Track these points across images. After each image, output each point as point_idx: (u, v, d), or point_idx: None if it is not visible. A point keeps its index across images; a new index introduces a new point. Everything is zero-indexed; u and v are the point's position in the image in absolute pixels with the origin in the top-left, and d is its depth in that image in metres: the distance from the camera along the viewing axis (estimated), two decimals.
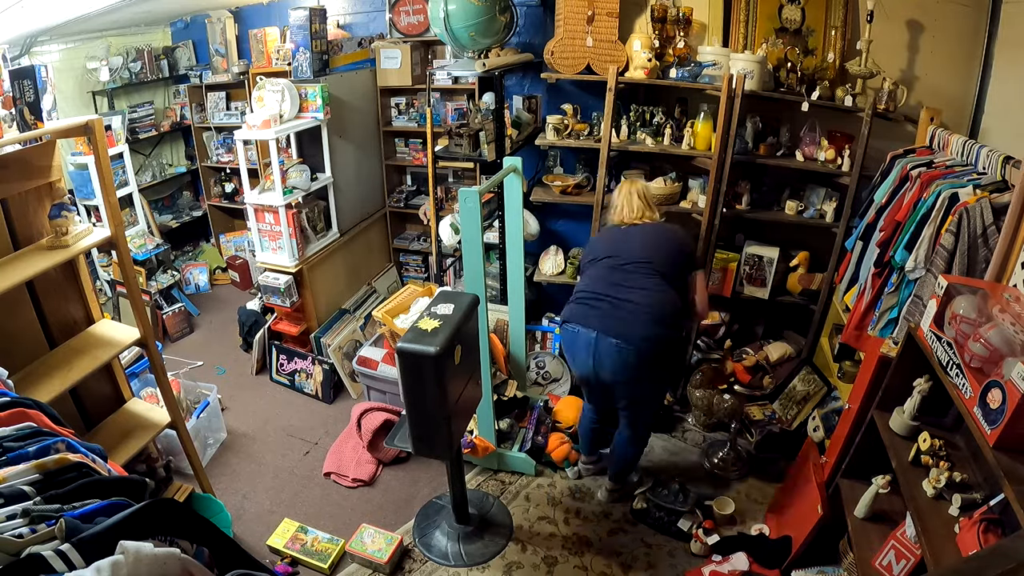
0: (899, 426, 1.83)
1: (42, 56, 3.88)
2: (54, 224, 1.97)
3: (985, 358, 1.44)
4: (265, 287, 3.46)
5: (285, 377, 3.62)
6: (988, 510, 1.45)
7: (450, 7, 2.70)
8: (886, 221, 2.23)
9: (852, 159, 2.72)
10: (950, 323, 1.59)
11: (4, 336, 1.96)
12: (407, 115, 4.18)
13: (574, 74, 3.04)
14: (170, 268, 4.48)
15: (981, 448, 1.34)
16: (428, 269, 4.51)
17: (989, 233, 1.82)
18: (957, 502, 1.56)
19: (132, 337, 2.21)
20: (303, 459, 3.04)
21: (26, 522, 0.86)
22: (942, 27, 2.70)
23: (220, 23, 4.44)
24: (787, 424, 3.03)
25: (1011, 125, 2.39)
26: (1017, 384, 1.25)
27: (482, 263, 2.46)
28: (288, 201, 3.29)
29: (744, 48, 2.93)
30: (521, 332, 3.09)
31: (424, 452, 2.18)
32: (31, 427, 1.21)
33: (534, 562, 2.43)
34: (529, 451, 2.87)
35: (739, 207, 3.04)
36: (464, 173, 4.25)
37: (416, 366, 1.92)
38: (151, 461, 2.52)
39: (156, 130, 4.67)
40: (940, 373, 1.58)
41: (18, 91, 1.73)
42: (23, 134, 1.77)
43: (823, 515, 2.07)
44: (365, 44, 3.91)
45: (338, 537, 2.49)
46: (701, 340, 3.41)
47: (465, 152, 3.00)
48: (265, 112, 3.17)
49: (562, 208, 3.55)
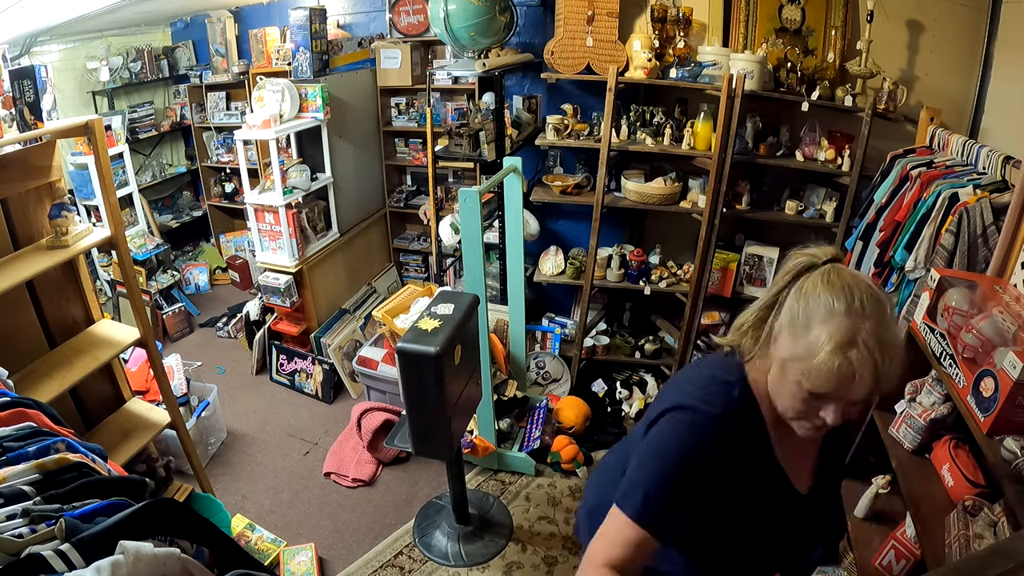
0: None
1: (42, 56, 3.88)
2: (54, 224, 1.97)
3: (977, 348, 1.47)
4: (265, 287, 3.46)
5: (285, 377, 3.62)
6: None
7: (450, 7, 2.70)
8: (886, 221, 2.23)
9: (852, 159, 2.71)
10: (943, 315, 1.62)
11: (4, 336, 1.95)
12: (407, 115, 4.18)
13: (574, 74, 3.04)
14: (170, 268, 4.48)
15: (975, 436, 1.36)
16: (428, 269, 4.51)
17: (989, 233, 1.82)
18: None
19: (132, 337, 2.21)
20: (303, 459, 3.03)
21: (26, 522, 0.86)
22: (942, 27, 2.70)
23: (220, 23, 4.44)
24: None
25: (1011, 125, 2.39)
26: (1009, 372, 1.28)
27: (482, 263, 2.46)
28: (288, 201, 3.29)
29: (744, 48, 2.93)
30: (521, 332, 3.09)
31: (424, 452, 2.18)
32: (31, 427, 1.21)
33: (534, 562, 2.43)
34: (535, 451, 2.87)
35: (739, 207, 3.04)
36: (464, 173, 4.25)
37: (416, 366, 1.92)
38: (151, 461, 2.52)
39: (156, 130, 4.67)
40: (935, 364, 1.60)
41: (18, 91, 1.73)
42: (23, 134, 1.77)
43: None
44: (365, 44, 3.91)
45: (281, 539, 2.51)
46: (701, 340, 3.41)
47: (465, 152, 3.00)
48: (265, 112, 3.18)
49: (562, 208, 3.55)
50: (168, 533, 0.88)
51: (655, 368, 3.49)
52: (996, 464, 1.29)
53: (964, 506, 1.45)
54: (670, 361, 3.36)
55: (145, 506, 0.85)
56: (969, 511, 1.43)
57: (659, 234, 3.50)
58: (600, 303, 3.69)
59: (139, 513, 0.84)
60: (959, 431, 1.65)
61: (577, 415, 3.04)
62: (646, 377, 3.42)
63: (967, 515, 1.43)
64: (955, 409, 1.61)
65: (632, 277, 3.21)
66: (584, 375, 3.45)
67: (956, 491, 1.55)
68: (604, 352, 3.42)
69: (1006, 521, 1.32)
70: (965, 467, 1.56)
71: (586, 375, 3.46)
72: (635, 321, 3.70)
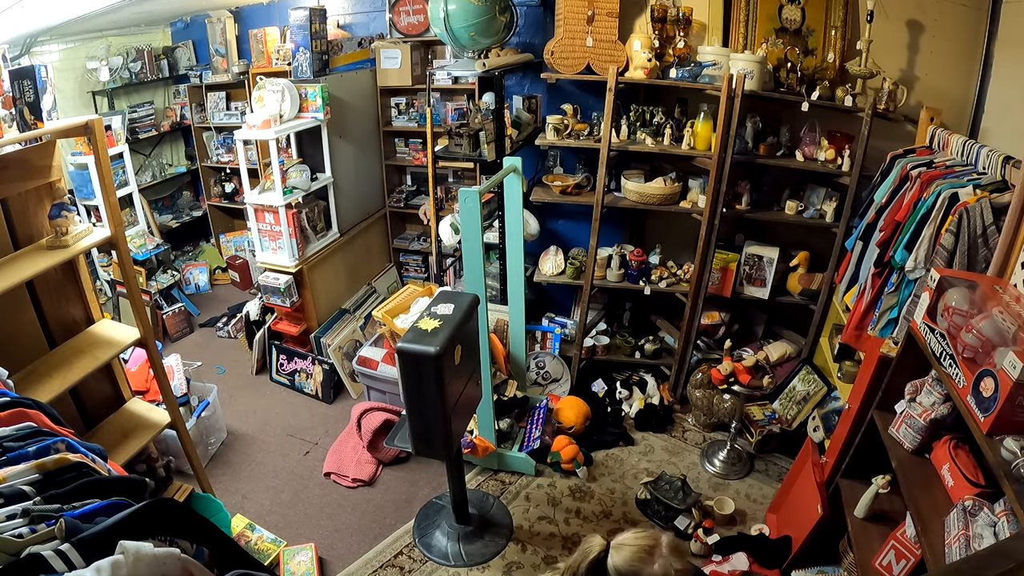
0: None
1: (42, 56, 3.88)
2: (54, 224, 1.97)
3: (977, 348, 1.47)
4: (265, 287, 3.46)
5: (285, 377, 3.62)
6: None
7: (450, 7, 2.70)
8: (886, 221, 2.23)
9: (852, 159, 2.72)
10: (943, 315, 1.62)
11: (4, 336, 1.96)
12: (407, 115, 4.18)
13: (574, 74, 3.04)
14: (170, 268, 4.48)
15: (975, 436, 1.36)
16: (428, 269, 4.51)
17: (989, 233, 1.82)
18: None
19: (132, 337, 2.21)
20: (303, 459, 3.04)
21: (26, 522, 0.86)
22: (942, 27, 2.70)
23: (220, 23, 4.44)
24: (787, 424, 3.03)
25: (1011, 125, 2.39)
26: (1009, 372, 1.28)
27: (482, 263, 2.46)
28: (288, 201, 3.29)
29: (744, 48, 2.93)
30: (521, 332, 3.09)
31: (424, 452, 2.18)
32: (31, 427, 1.21)
33: (534, 562, 2.43)
34: (535, 451, 2.87)
35: (739, 207, 3.04)
36: (464, 173, 4.25)
37: (416, 366, 1.92)
38: (151, 461, 2.52)
39: (156, 130, 4.67)
40: (934, 364, 1.60)
41: (18, 91, 1.73)
42: (23, 134, 1.77)
43: (823, 515, 2.07)
44: (365, 44, 3.91)
45: (281, 539, 2.51)
46: (701, 340, 3.41)
47: (465, 152, 3.00)
48: (265, 112, 3.18)
49: (562, 208, 3.55)
50: (168, 533, 0.89)
51: (655, 368, 3.49)
52: (996, 464, 1.29)
53: (964, 506, 1.45)
54: (670, 361, 3.36)
55: (145, 506, 0.85)
56: (969, 511, 1.43)
57: (659, 234, 3.50)
58: (600, 303, 3.69)
59: (139, 513, 0.84)
60: (959, 431, 1.65)
61: (577, 415, 3.04)
62: (646, 377, 3.43)
63: (967, 515, 1.43)
64: (955, 409, 1.61)
65: (632, 277, 3.21)
66: (584, 375, 3.46)
67: (956, 491, 1.55)
68: (604, 352, 3.42)
69: (1006, 521, 1.32)
70: (965, 467, 1.56)
71: (586, 375, 3.46)
72: (635, 321, 3.70)
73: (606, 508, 2.68)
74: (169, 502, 0.90)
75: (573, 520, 2.62)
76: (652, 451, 3.03)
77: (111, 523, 0.81)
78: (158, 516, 0.87)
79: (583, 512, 2.66)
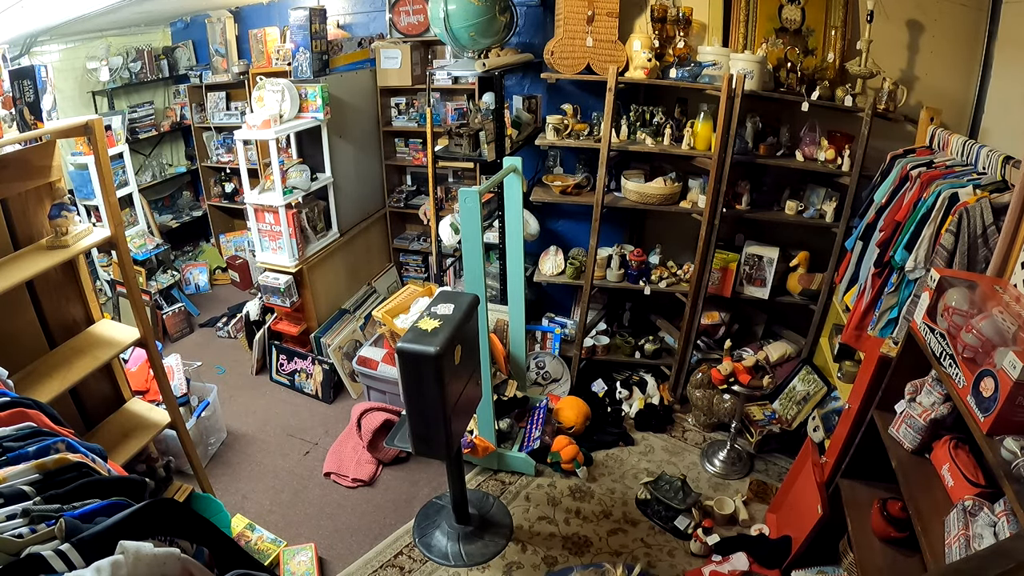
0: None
1: (42, 56, 3.88)
2: (54, 224, 1.97)
3: (977, 348, 1.47)
4: (265, 287, 3.46)
5: (285, 377, 3.62)
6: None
7: (450, 7, 2.70)
8: (886, 221, 2.23)
9: (852, 159, 2.72)
10: (943, 315, 1.62)
11: (4, 336, 1.96)
12: (407, 115, 4.18)
13: (574, 74, 3.04)
14: (170, 268, 4.48)
15: (975, 436, 1.36)
16: (428, 269, 4.51)
17: (989, 233, 1.82)
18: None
19: (132, 337, 2.21)
20: (303, 459, 3.04)
21: (26, 522, 0.86)
22: (942, 27, 2.70)
23: (220, 23, 4.44)
24: (787, 424, 3.03)
25: (1011, 125, 2.39)
26: (1009, 372, 1.28)
27: (482, 263, 2.46)
28: (288, 201, 3.29)
29: (744, 48, 2.93)
30: (521, 332, 3.09)
31: (424, 452, 2.18)
32: (31, 427, 1.21)
33: (534, 562, 2.43)
34: (535, 451, 2.87)
35: (739, 207, 3.04)
36: (464, 173, 4.25)
37: (416, 366, 1.92)
38: (151, 461, 2.52)
39: (156, 130, 4.67)
40: (934, 364, 1.60)
41: (18, 91, 1.73)
42: (23, 134, 1.77)
43: (823, 515, 2.07)
44: (365, 44, 3.91)
45: (281, 539, 2.51)
46: (701, 340, 3.41)
47: (465, 152, 3.00)
48: (265, 112, 3.18)
49: (562, 208, 3.55)
50: (168, 533, 0.88)
51: (655, 368, 3.49)
52: (996, 464, 1.29)
53: (964, 506, 1.45)
54: (670, 361, 3.36)
55: (145, 506, 0.85)
56: (969, 511, 1.43)
57: (659, 234, 3.50)
58: (600, 303, 3.69)
59: (139, 513, 0.84)
60: (959, 431, 1.65)
61: (577, 415, 3.04)
62: (646, 377, 3.42)
63: (967, 515, 1.43)
64: (955, 409, 1.61)
65: (632, 277, 3.21)
66: (584, 375, 3.46)
67: (956, 491, 1.55)
68: (604, 352, 3.42)
69: (1006, 521, 1.32)
70: (965, 467, 1.56)
71: (586, 375, 3.46)
72: (635, 321, 3.70)
73: (606, 508, 2.68)
74: (169, 502, 0.90)
75: (573, 520, 2.62)
76: (652, 451, 3.03)
77: (111, 523, 0.81)
78: (158, 516, 0.87)
79: (583, 512, 2.66)
